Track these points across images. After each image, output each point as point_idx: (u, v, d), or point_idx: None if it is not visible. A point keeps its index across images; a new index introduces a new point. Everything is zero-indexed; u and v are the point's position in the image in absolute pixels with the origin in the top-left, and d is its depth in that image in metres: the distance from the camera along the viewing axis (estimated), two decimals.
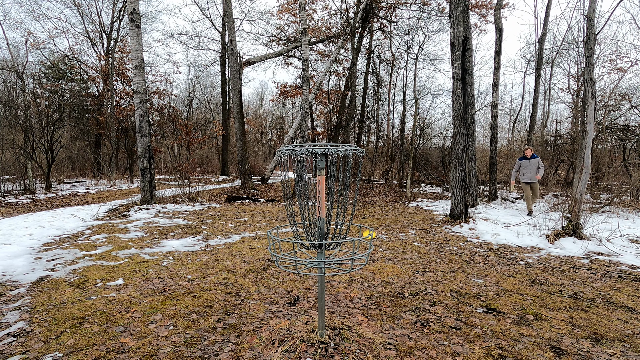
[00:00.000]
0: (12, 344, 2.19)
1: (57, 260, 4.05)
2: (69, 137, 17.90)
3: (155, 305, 2.81)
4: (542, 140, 15.63)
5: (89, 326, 2.43)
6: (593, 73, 5.71)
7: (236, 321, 2.55)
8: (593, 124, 5.73)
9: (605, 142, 13.37)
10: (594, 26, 5.73)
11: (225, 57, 20.59)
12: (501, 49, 10.31)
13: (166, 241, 5.07)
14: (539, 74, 13.90)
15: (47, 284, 3.28)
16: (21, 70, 15.52)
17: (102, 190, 12.56)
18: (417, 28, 17.08)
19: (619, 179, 11.22)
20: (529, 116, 15.18)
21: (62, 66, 21.50)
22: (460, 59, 7.16)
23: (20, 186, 11.05)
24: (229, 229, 6.01)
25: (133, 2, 8.02)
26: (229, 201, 10.20)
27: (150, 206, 8.00)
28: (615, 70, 14.67)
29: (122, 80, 20.84)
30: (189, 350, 2.14)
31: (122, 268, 3.75)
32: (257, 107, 40.16)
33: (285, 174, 2.25)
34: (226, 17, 14.31)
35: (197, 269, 3.80)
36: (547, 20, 12.92)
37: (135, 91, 8.20)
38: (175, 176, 11.64)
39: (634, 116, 12.93)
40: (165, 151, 20.20)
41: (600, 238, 5.17)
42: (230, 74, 13.57)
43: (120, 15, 19.79)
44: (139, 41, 8.12)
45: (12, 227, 5.79)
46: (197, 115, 28.49)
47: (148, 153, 8.20)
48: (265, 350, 2.15)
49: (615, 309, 2.84)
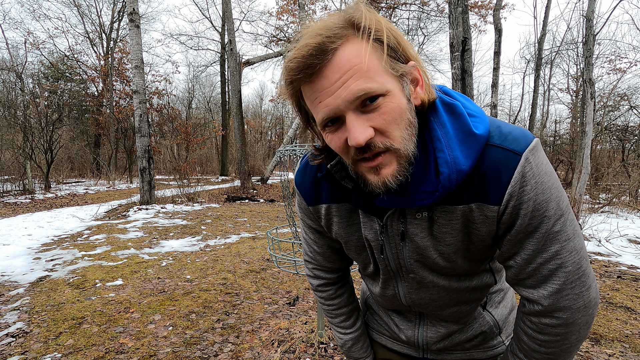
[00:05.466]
0: (11, 345, 2.18)
1: (56, 260, 4.04)
2: (68, 137, 17.88)
3: (154, 305, 2.80)
4: (542, 141, 15.66)
5: (88, 326, 2.43)
6: (592, 73, 5.72)
7: (235, 321, 2.55)
8: (592, 124, 5.75)
9: (604, 142, 13.40)
10: (593, 27, 5.74)
11: (224, 57, 20.59)
12: (500, 50, 10.32)
13: (165, 241, 5.06)
14: (539, 74, 13.94)
15: (46, 284, 3.27)
16: (20, 70, 15.50)
17: (102, 190, 12.55)
18: (417, 28, 17.12)
19: (618, 179, 11.25)
20: (528, 116, 15.23)
21: (61, 66, 21.49)
22: (459, 60, 7.16)
23: (19, 186, 11.04)
24: (229, 229, 6.01)
25: (132, 2, 8.01)
26: (228, 201, 10.20)
27: (150, 206, 7.99)
28: (615, 71, 14.70)
29: (121, 81, 20.84)
30: (189, 351, 2.14)
31: (121, 268, 3.74)
32: (256, 107, 40.17)
33: (284, 174, 2.24)
34: (225, 17, 14.32)
35: (196, 269, 3.79)
36: (546, 20, 12.96)
37: (134, 91, 8.19)
38: (175, 176, 11.64)
39: (633, 116, 12.96)
40: (164, 151, 20.19)
41: (600, 238, 5.18)
42: (229, 74, 13.57)
43: (120, 15, 19.78)
44: (139, 41, 8.12)
45: (11, 227, 5.78)
46: (196, 115, 28.49)
47: (147, 153, 8.19)
48: (264, 351, 2.15)
49: (615, 309, 2.84)
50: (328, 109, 0.52)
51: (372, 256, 0.73)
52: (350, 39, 0.50)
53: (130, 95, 20.02)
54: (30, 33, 18.55)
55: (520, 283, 0.61)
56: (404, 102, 0.53)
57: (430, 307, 0.76)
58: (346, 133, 0.53)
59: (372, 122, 0.51)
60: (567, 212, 0.56)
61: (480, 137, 0.55)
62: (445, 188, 0.55)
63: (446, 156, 0.54)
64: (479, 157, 0.55)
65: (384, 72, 0.51)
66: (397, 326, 0.85)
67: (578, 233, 0.57)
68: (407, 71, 0.54)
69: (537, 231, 0.56)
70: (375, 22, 0.51)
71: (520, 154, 0.54)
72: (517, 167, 0.53)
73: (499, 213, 0.56)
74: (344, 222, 0.73)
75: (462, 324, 0.78)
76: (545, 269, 0.57)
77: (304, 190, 0.75)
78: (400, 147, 0.53)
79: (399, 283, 0.75)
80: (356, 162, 0.56)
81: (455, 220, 0.60)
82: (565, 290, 0.57)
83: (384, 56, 0.51)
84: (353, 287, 0.95)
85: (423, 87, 0.57)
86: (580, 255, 0.57)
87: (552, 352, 0.61)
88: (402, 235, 0.65)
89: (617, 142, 13.02)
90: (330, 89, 0.50)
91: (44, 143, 11.78)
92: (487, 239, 0.61)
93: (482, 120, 0.57)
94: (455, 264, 0.66)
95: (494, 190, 0.55)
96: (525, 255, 0.58)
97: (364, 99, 0.50)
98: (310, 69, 0.50)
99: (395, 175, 0.54)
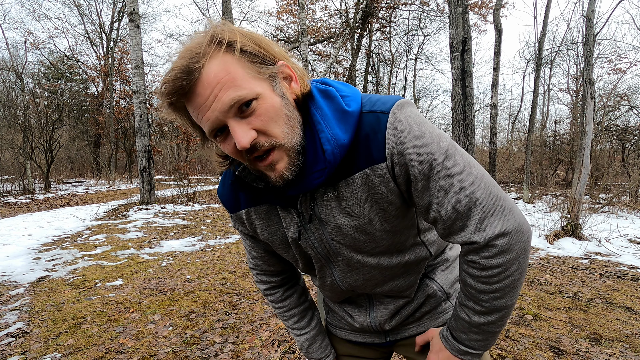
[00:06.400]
0: (11, 345, 2.18)
1: (56, 260, 4.04)
2: (68, 137, 17.89)
3: (154, 305, 2.80)
4: (542, 141, 15.66)
5: (88, 326, 2.43)
6: (592, 73, 5.72)
7: (235, 321, 2.55)
8: (592, 124, 5.74)
9: (604, 142, 13.40)
10: (593, 27, 5.74)
11: None
12: (500, 50, 10.32)
13: (165, 241, 5.06)
14: (538, 74, 13.92)
15: (46, 284, 3.27)
16: (20, 70, 15.50)
17: (102, 190, 12.55)
18: (417, 28, 17.12)
19: (618, 179, 11.25)
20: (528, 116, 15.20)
21: (61, 66, 21.49)
22: (459, 60, 7.16)
23: (19, 186, 11.04)
24: (229, 229, 6.01)
25: (132, 2, 8.01)
26: None
27: (150, 206, 7.99)
28: (615, 71, 14.70)
29: (121, 81, 20.84)
30: (188, 351, 2.14)
31: (121, 268, 3.74)
32: None
33: None
34: (225, 17, 14.32)
35: (196, 269, 3.79)
36: (546, 20, 12.94)
37: (134, 91, 8.19)
38: (175, 176, 11.64)
39: (633, 116, 12.96)
40: (164, 151, 20.20)
41: (600, 238, 5.18)
42: None
43: (120, 15, 19.77)
44: (139, 41, 8.12)
45: (11, 227, 5.78)
46: None
47: (147, 153, 8.19)
48: (264, 351, 2.15)
49: (615, 309, 2.84)
50: (210, 122, 0.56)
51: (299, 250, 0.75)
52: (213, 55, 0.54)
53: (130, 95, 20.02)
54: (30, 33, 18.59)
55: (451, 233, 0.63)
56: (277, 100, 0.57)
57: (367, 286, 0.78)
58: (233, 139, 0.56)
59: (252, 124, 0.56)
60: (453, 148, 0.60)
61: (354, 112, 0.60)
62: (332, 163, 0.59)
63: (327, 135, 0.59)
64: (356, 127, 0.60)
65: (250, 77, 0.55)
66: (350, 316, 0.87)
67: (472, 163, 0.61)
68: (276, 71, 0.59)
69: (432, 173, 0.59)
70: (231, 33, 0.56)
71: (388, 112, 0.59)
72: (387, 123, 0.59)
73: (389, 168, 0.61)
74: (264, 224, 0.75)
75: (407, 297, 0.80)
76: (459, 205, 0.59)
77: (224, 199, 0.80)
78: (284, 142, 0.58)
79: (332, 269, 0.77)
80: (252, 162, 0.60)
81: (358, 189, 0.63)
82: (487, 219, 0.59)
83: (247, 63, 0.56)
84: (304, 288, 0.97)
85: (297, 81, 0.62)
86: (485, 182, 0.60)
87: (497, 288, 0.62)
88: (315, 218, 0.68)
89: (617, 142, 13.03)
90: (205, 104, 0.55)
91: (44, 143, 11.78)
92: (394, 200, 0.64)
93: (354, 98, 0.62)
94: (375, 237, 0.68)
95: (376, 149, 0.60)
96: (436, 200, 0.60)
97: (239, 106, 0.55)
98: (181, 90, 0.55)
99: (288, 167, 0.59)
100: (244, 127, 0.55)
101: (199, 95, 0.55)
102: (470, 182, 0.59)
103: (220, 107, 0.54)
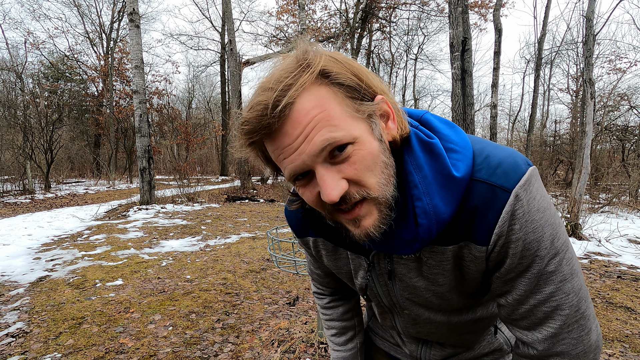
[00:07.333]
0: (11, 345, 2.19)
1: (56, 260, 4.04)
2: (68, 137, 17.88)
3: (154, 305, 2.80)
4: (542, 141, 15.66)
5: (88, 326, 2.43)
6: (592, 73, 5.72)
7: (235, 321, 2.55)
8: (592, 124, 5.75)
9: (604, 142, 13.40)
10: (593, 27, 5.74)
11: (224, 57, 20.58)
12: (500, 50, 10.32)
13: (165, 241, 5.06)
14: (538, 74, 13.93)
15: (46, 284, 3.27)
16: (20, 70, 15.50)
17: (102, 190, 12.55)
18: (417, 28, 17.13)
19: (618, 179, 11.25)
20: (528, 116, 15.21)
21: (61, 66, 21.49)
22: (459, 60, 7.17)
23: (19, 186, 11.04)
24: (229, 229, 6.01)
25: (132, 2, 8.01)
26: (228, 201, 10.20)
27: (150, 206, 8.00)
28: (615, 71, 14.71)
29: (121, 81, 20.83)
30: (188, 351, 2.14)
31: (121, 268, 3.74)
32: None
33: None
34: (225, 17, 14.31)
35: (196, 269, 3.79)
36: (546, 20, 12.95)
37: (134, 91, 8.19)
38: (175, 176, 11.65)
39: (633, 116, 12.97)
40: (164, 151, 20.18)
41: (600, 238, 5.18)
42: (229, 74, 13.57)
43: (120, 15, 19.77)
44: (139, 41, 8.12)
45: (11, 227, 5.78)
46: (196, 115, 28.49)
47: (147, 153, 8.19)
48: (264, 351, 2.15)
49: (615, 309, 2.84)
50: (294, 165, 0.48)
51: (363, 291, 0.71)
52: (306, 87, 0.46)
53: (130, 95, 20.02)
54: (30, 33, 18.58)
55: (514, 323, 0.57)
56: (375, 145, 0.48)
57: (431, 338, 0.73)
58: (318, 187, 0.49)
59: (343, 173, 0.47)
60: (564, 251, 0.51)
61: (462, 181, 0.50)
62: (425, 240, 0.51)
63: (424, 205, 0.50)
64: (461, 199, 0.51)
65: (348, 117, 0.47)
66: (400, 338, 0.82)
67: (576, 272, 0.53)
68: (375, 109, 0.50)
69: (529, 271, 0.51)
70: (326, 60, 0.48)
71: (510, 190, 0.48)
72: (506, 206, 0.48)
73: (487, 252, 0.53)
74: (331, 256, 0.71)
75: (470, 347, 0.76)
76: (539, 311, 0.53)
77: (291, 223, 0.74)
78: (378, 195, 0.49)
79: (395, 317, 0.73)
80: (333, 213, 0.52)
81: (447, 261, 0.56)
82: (561, 335, 0.53)
83: (344, 99, 0.47)
84: (354, 307, 0.91)
85: (395, 120, 0.52)
86: (579, 297, 0.52)
87: None
88: (390, 275, 0.62)
89: (617, 142, 13.03)
90: (292, 145, 0.47)
91: (44, 143, 11.78)
92: (478, 277, 0.58)
93: (464, 157, 0.51)
94: (452, 301, 0.63)
95: (481, 230, 0.51)
96: (517, 295, 0.54)
97: (331, 150, 0.46)
98: (267, 129, 0.47)
99: (377, 225, 0.51)
100: (334, 175, 0.47)
101: (286, 135, 0.46)
102: (565, 294, 0.51)
103: (309, 150, 0.46)
